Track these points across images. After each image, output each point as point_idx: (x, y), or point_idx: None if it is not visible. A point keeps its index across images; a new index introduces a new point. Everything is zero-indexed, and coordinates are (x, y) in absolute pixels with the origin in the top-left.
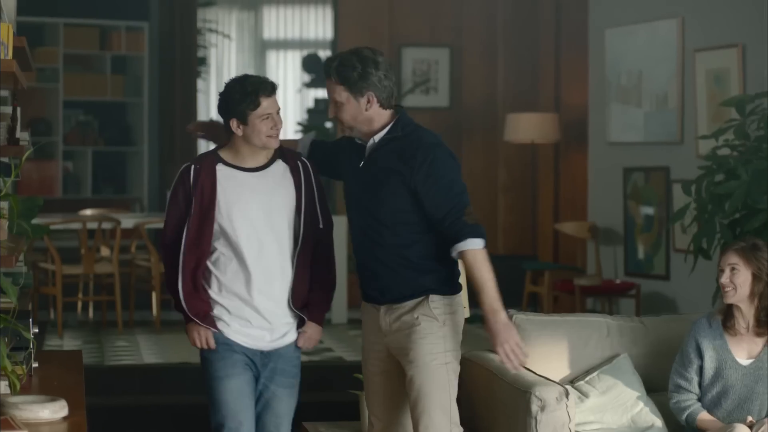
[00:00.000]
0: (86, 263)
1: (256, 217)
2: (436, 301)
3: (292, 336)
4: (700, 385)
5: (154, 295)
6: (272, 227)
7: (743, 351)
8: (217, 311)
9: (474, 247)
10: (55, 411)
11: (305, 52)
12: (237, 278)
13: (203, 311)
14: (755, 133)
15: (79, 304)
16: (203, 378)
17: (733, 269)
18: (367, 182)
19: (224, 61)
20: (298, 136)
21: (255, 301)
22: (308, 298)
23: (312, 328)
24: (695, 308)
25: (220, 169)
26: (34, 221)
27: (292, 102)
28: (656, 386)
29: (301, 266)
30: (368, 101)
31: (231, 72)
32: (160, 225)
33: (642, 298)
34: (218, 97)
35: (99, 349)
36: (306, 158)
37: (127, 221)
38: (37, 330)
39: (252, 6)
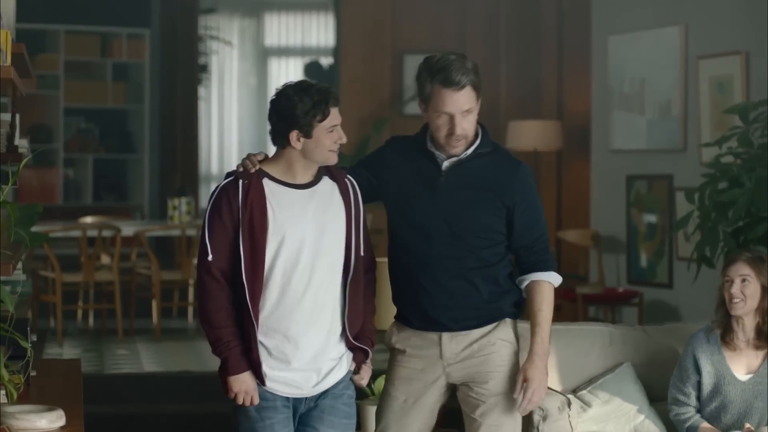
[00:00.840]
0: (86, 271)
1: (308, 241)
2: (509, 325)
3: (342, 370)
4: (698, 398)
5: (154, 303)
6: (324, 252)
7: (742, 366)
8: (257, 354)
9: (554, 282)
10: (52, 421)
11: (307, 60)
12: (281, 312)
13: (248, 357)
14: (759, 141)
15: (80, 312)
16: (235, 428)
17: (744, 280)
18: (450, 199)
19: (225, 68)
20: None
21: (301, 338)
22: (362, 329)
23: (369, 362)
24: (698, 316)
25: (267, 184)
26: (34, 229)
27: None
28: (659, 395)
29: (353, 296)
30: (479, 106)
31: (233, 79)
32: (161, 233)
33: (645, 307)
34: (271, 105)
35: (99, 357)
36: None
37: (128, 229)
38: (35, 338)
39: (254, 13)
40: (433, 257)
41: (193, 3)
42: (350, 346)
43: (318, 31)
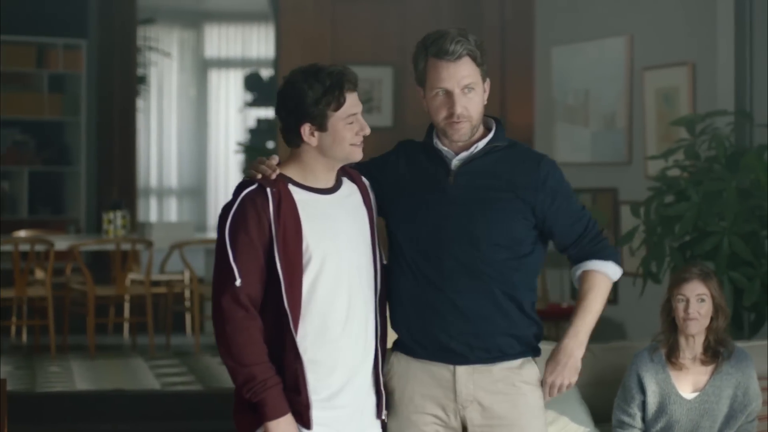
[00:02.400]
0: (18, 286)
1: (344, 257)
2: (534, 365)
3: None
4: (643, 419)
5: (88, 320)
6: (359, 269)
7: (688, 384)
8: (306, 395)
9: (611, 275)
10: None
11: (247, 71)
12: (326, 341)
13: (290, 399)
14: (706, 154)
15: (13, 328)
16: None
17: (701, 300)
18: (463, 201)
19: (165, 79)
20: (239, 157)
21: (349, 370)
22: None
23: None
24: (643, 333)
25: (295, 192)
26: None
27: (234, 122)
28: (604, 417)
29: (383, 320)
30: (485, 90)
31: (171, 91)
32: (96, 247)
33: (600, 325)
34: (278, 97)
35: (31, 375)
36: None
37: (62, 243)
38: None
39: (193, 24)
40: (446, 272)
41: (131, 13)
42: (377, 387)
43: (258, 43)
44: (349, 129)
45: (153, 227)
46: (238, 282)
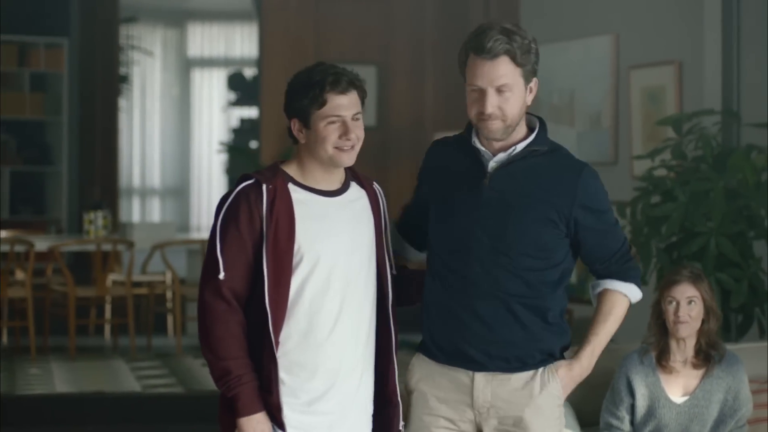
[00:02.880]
0: None
1: (340, 262)
2: (555, 372)
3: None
4: (632, 422)
5: (69, 321)
6: (357, 275)
7: (678, 388)
8: (278, 396)
9: (630, 296)
10: None
11: (230, 70)
12: (309, 345)
13: (264, 398)
14: (693, 153)
15: None
16: None
17: (691, 302)
18: (495, 206)
19: (147, 79)
20: (222, 157)
21: (331, 377)
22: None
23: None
24: (630, 335)
25: (294, 191)
26: None
27: (217, 121)
28: (590, 420)
29: (387, 331)
30: (530, 91)
31: (154, 91)
32: (77, 248)
33: (575, 324)
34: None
35: (11, 377)
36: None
37: (42, 244)
38: None
39: (177, 23)
40: (470, 277)
41: (114, 12)
42: (383, 400)
43: (242, 42)
44: (329, 130)
45: (134, 227)
46: (221, 275)
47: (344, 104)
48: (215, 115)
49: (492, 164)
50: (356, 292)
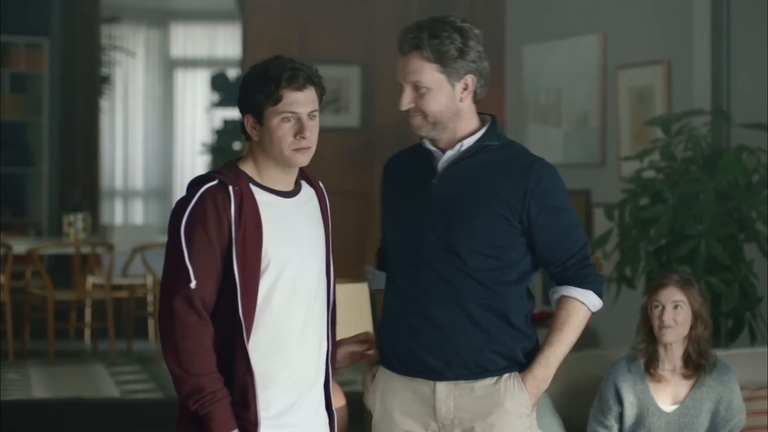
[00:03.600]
0: None
1: (304, 267)
2: (520, 384)
3: None
4: (620, 431)
5: (48, 325)
6: (316, 280)
7: (667, 396)
8: (255, 410)
9: (590, 305)
10: None
11: (214, 71)
12: (278, 355)
13: (238, 414)
14: (682, 155)
15: None
16: None
17: (676, 306)
18: (446, 205)
19: (130, 79)
20: (205, 158)
21: (302, 387)
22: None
23: None
24: (618, 339)
25: (256, 192)
26: None
27: (201, 122)
28: (577, 428)
29: (334, 336)
30: (464, 88)
31: (137, 91)
32: (56, 250)
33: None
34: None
35: None
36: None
37: (20, 246)
38: None
39: (160, 23)
40: (422, 281)
41: (95, 12)
42: (328, 406)
43: (225, 42)
44: (283, 128)
45: (115, 230)
46: (193, 284)
47: (300, 101)
48: (198, 116)
49: (441, 164)
50: (318, 299)
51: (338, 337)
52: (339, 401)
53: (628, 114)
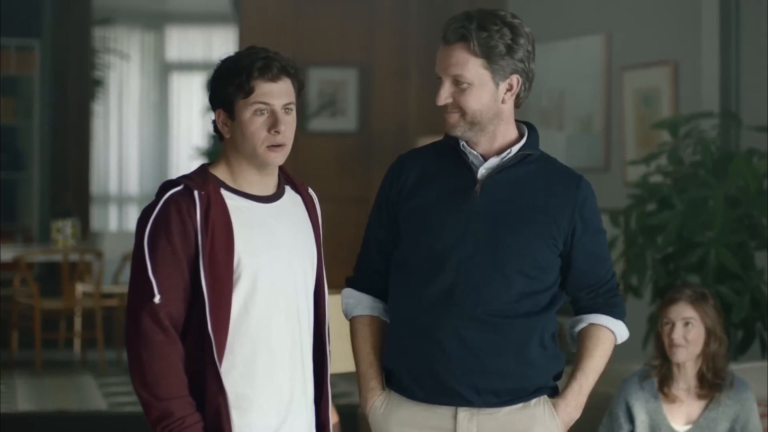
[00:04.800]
0: None
1: (285, 278)
2: (549, 409)
3: None
4: None
5: (35, 334)
6: (302, 292)
7: (681, 415)
8: None
9: (617, 334)
10: None
11: (210, 74)
12: (259, 374)
13: None
14: (690, 159)
15: None
16: None
17: (687, 323)
18: (491, 219)
19: (124, 83)
20: (198, 162)
21: (287, 410)
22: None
23: None
24: (625, 352)
25: (228, 197)
26: None
27: (197, 126)
28: None
29: (324, 353)
30: (508, 89)
31: (131, 95)
32: (43, 258)
33: (565, 340)
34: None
35: None
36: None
37: (7, 253)
38: None
39: (155, 26)
40: (457, 300)
41: (87, 14)
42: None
43: (221, 45)
44: (256, 121)
45: (105, 236)
46: (157, 299)
47: (274, 92)
48: (194, 119)
49: (482, 171)
50: (302, 312)
51: (332, 352)
52: (332, 418)
53: (634, 117)
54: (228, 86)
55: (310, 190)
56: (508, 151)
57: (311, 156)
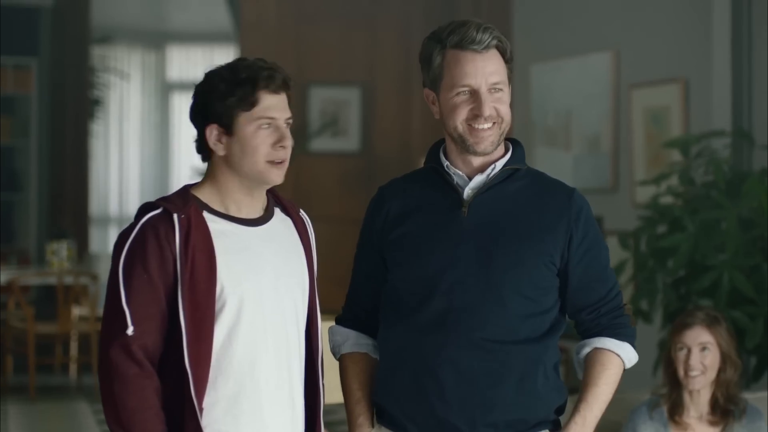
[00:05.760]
0: None
1: (273, 306)
2: None
3: None
4: None
5: (29, 359)
6: (292, 320)
7: None
8: None
9: (625, 358)
10: None
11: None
12: (244, 409)
13: None
14: (702, 179)
15: None
16: None
17: (704, 348)
18: (481, 240)
19: (125, 103)
20: (195, 178)
21: None
22: None
23: None
24: (633, 379)
25: (211, 220)
26: None
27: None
28: None
29: (316, 383)
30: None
31: (132, 115)
32: (38, 281)
33: (572, 365)
34: (193, 96)
35: None
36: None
37: (1, 276)
38: None
39: (156, 45)
40: (451, 325)
41: (86, 32)
42: None
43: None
44: (261, 136)
45: (101, 258)
46: (130, 330)
47: (279, 105)
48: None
49: (468, 191)
50: (291, 344)
51: (329, 383)
52: None
53: (643, 136)
54: (227, 98)
55: (302, 212)
56: (492, 166)
57: (313, 176)
